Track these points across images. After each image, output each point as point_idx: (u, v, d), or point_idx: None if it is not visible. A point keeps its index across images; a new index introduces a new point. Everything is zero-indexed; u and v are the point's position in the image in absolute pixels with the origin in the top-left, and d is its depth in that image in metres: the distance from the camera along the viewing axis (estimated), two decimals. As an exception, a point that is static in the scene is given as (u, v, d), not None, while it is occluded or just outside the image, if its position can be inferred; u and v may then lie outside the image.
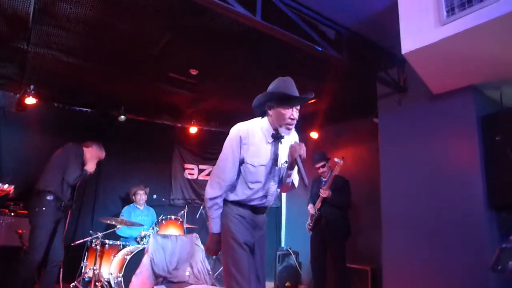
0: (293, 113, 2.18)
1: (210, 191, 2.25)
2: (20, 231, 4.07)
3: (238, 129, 2.22)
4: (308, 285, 5.18)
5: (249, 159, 2.20)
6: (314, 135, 5.96)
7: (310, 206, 4.58)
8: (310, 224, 4.56)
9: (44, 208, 3.53)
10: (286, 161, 2.27)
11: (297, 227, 5.78)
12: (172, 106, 5.53)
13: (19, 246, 4.03)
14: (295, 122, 2.21)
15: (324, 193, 4.32)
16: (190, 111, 5.69)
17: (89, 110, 5.69)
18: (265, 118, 2.27)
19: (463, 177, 3.21)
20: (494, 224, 3.10)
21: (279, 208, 6.62)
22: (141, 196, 5.28)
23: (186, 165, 6.45)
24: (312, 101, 5.10)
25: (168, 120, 6.26)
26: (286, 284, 5.49)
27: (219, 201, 2.25)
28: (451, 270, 3.15)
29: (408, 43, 2.88)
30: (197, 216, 5.54)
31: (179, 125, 6.35)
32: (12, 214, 4.20)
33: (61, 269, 3.73)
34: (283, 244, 6.43)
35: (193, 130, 6.12)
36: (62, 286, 3.72)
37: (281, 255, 5.64)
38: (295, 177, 2.36)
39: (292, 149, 2.14)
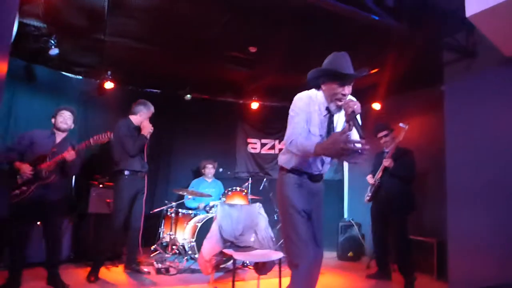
0: (345, 89, 2.23)
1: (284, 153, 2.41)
2: (108, 200, 4.65)
3: (301, 97, 2.33)
4: (371, 256, 5.22)
5: (309, 128, 2.32)
6: (376, 106, 5.82)
7: (369, 177, 4.57)
8: (369, 194, 4.56)
9: (122, 183, 3.96)
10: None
11: (360, 199, 5.78)
12: (234, 83, 5.75)
13: (108, 214, 4.59)
14: (346, 98, 2.26)
15: (386, 161, 4.27)
16: (251, 88, 5.87)
17: (158, 91, 6.16)
18: (320, 92, 2.35)
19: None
20: None
21: (341, 181, 6.67)
22: (209, 169, 5.68)
23: (249, 140, 6.74)
24: (374, 71, 4.99)
25: (231, 97, 6.53)
26: (348, 254, 5.60)
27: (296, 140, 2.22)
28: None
29: (473, 5, 2.71)
30: (261, 188, 5.82)
31: (241, 101, 6.59)
32: (101, 186, 4.79)
33: (140, 234, 4.17)
34: (345, 216, 6.50)
35: (254, 105, 6.33)
36: (141, 250, 4.17)
37: (343, 226, 5.73)
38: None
39: (345, 105, 2.16)
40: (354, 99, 2.39)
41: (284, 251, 2.31)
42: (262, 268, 3.49)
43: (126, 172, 3.98)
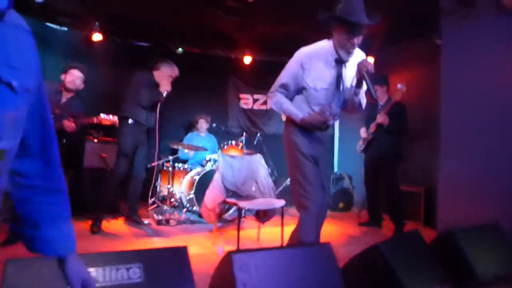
0: (354, 39, 2.21)
1: (269, 100, 2.54)
2: (104, 155, 4.62)
3: (300, 54, 2.34)
4: (361, 207, 5.46)
5: (311, 83, 2.33)
6: (369, 59, 5.81)
7: (362, 130, 4.66)
8: (362, 145, 4.69)
9: (125, 130, 3.97)
10: (351, 83, 2.37)
11: (350, 152, 5.93)
12: (226, 35, 5.59)
13: (104, 168, 4.59)
14: (355, 47, 2.26)
15: (380, 118, 4.35)
16: (243, 41, 5.74)
17: (147, 44, 5.96)
18: (331, 41, 2.33)
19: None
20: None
21: (331, 135, 6.78)
22: (203, 124, 5.66)
23: (241, 95, 6.69)
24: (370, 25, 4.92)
25: (223, 51, 6.38)
26: (339, 206, 5.83)
27: (278, 96, 2.44)
28: (510, 190, 3.18)
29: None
30: (255, 143, 5.88)
31: (233, 56, 6.46)
32: (96, 140, 4.73)
33: (151, 187, 4.23)
34: (336, 169, 6.69)
35: (247, 60, 6.22)
36: (148, 200, 4.24)
37: (335, 178, 5.91)
38: (362, 96, 2.46)
39: (360, 65, 2.21)
40: (363, 54, 2.40)
41: (293, 194, 2.39)
42: (263, 216, 3.61)
43: (130, 121, 3.97)
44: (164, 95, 4.07)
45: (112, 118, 3.58)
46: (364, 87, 2.35)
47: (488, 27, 3.49)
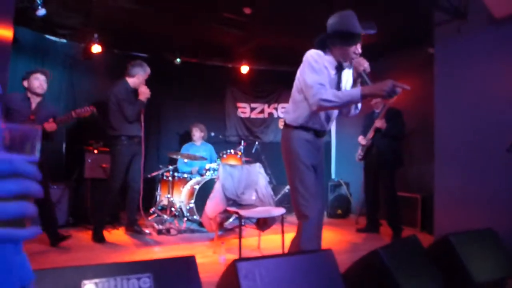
0: (357, 48, 2.30)
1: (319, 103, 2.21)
2: (104, 165, 4.67)
3: (310, 53, 2.33)
4: (358, 214, 5.52)
5: None
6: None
7: (361, 138, 4.75)
8: (361, 154, 4.77)
9: (118, 147, 3.95)
10: (351, 85, 2.45)
11: (347, 160, 6.02)
12: (224, 46, 5.70)
13: (104, 179, 4.63)
14: (358, 55, 2.34)
15: (378, 122, 4.44)
16: (241, 51, 5.83)
17: (146, 55, 6.03)
18: (328, 53, 2.41)
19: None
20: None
21: (328, 143, 6.86)
22: (198, 133, 5.68)
23: (239, 104, 6.77)
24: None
25: (220, 61, 6.47)
26: (337, 212, 5.89)
27: (328, 95, 2.19)
28: (506, 197, 3.25)
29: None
30: (253, 151, 5.95)
31: (230, 65, 6.55)
32: (95, 151, 4.78)
33: (141, 196, 4.25)
34: (333, 176, 6.76)
35: (244, 69, 6.31)
36: (142, 212, 4.26)
37: (332, 185, 5.98)
38: None
39: (356, 63, 2.27)
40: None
41: (292, 203, 2.44)
42: (263, 224, 3.67)
43: (123, 138, 3.95)
44: (145, 101, 4.03)
45: (88, 108, 3.56)
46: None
47: (479, 37, 3.60)
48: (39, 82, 3.48)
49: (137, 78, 4.09)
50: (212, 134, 5.80)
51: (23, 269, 0.80)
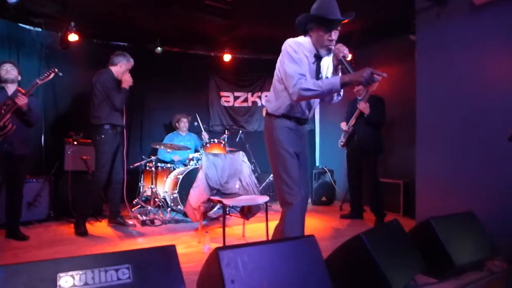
0: (332, 35, 2.29)
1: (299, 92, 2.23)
2: (84, 157, 4.56)
3: (289, 43, 2.33)
4: (342, 200, 5.58)
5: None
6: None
7: (343, 124, 4.78)
8: (343, 140, 4.80)
9: (103, 136, 3.90)
10: (331, 73, 2.44)
11: (331, 147, 6.05)
12: (206, 35, 5.60)
13: (85, 171, 4.54)
14: (333, 43, 2.33)
15: (361, 105, 4.45)
16: (223, 39, 5.74)
17: (126, 44, 5.89)
18: (308, 38, 2.39)
19: (505, 94, 3.20)
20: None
21: (313, 131, 6.88)
22: (184, 123, 5.66)
23: (222, 93, 6.70)
24: (345, 21, 5.02)
25: (202, 49, 6.37)
26: (322, 199, 5.94)
27: (304, 81, 2.22)
28: (486, 182, 3.30)
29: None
30: (237, 140, 5.92)
31: (213, 54, 6.45)
32: (75, 143, 4.67)
33: (124, 188, 4.21)
34: (317, 163, 6.80)
35: (227, 58, 6.22)
36: (127, 203, 4.21)
37: (317, 173, 6.01)
38: None
39: (336, 50, 2.27)
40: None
41: (276, 191, 2.44)
42: (247, 213, 3.66)
43: (107, 126, 3.91)
44: (127, 90, 4.03)
45: (51, 71, 3.55)
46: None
47: (459, 23, 3.62)
48: (4, 70, 3.52)
49: (119, 67, 4.06)
50: (195, 123, 5.74)
51: None
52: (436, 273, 2.55)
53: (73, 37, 5.03)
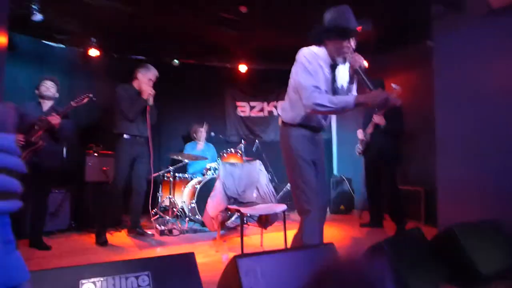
0: (349, 43, 2.29)
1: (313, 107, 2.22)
2: (104, 168, 4.66)
3: (303, 53, 2.32)
4: (361, 209, 5.49)
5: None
6: (364, 63, 5.89)
7: (359, 131, 4.73)
8: (360, 147, 4.75)
9: (120, 146, 4.02)
10: (347, 82, 2.43)
11: (349, 156, 5.99)
12: (222, 47, 5.68)
13: (105, 181, 4.63)
14: (351, 50, 2.33)
15: (376, 118, 4.41)
16: (239, 51, 5.82)
17: (144, 57, 6.02)
18: (322, 48, 2.39)
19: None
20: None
21: (330, 139, 6.83)
22: (202, 133, 5.72)
23: (238, 103, 6.76)
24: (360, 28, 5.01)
25: (218, 61, 6.45)
26: (340, 208, 5.86)
27: (323, 100, 2.19)
28: (510, 189, 3.22)
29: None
30: (254, 150, 5.93)
31: (229, 65, 6.53)
32: (96, 154, 4.77)
33: (150, 199, 4.26)
34: (335, 172, 6.73)
35: (242, 69, 6.29)
36: (151, 213, 4.26)
37: (335, 181, 5.95)
38: (354, 93, 2.52)
39: (353, 60, 2.25)
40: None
41: (294, 199, 2.42)
42: (265, 222, 3.65)
43: (125, 136, 4.02)
44: (150, 100, 4.10)
45: (85, 96, 3.68)
46: (354, 89, 2.42)
47: (477, 29, 3.56)
48: (45, 87, 3.72)
49: (139, 78, 4.19)
50: (212, 134, 5.80)
51: (16, 268, 0.78)
52: (461, 283, 2.47)
53: (93, 52, 5.19)
